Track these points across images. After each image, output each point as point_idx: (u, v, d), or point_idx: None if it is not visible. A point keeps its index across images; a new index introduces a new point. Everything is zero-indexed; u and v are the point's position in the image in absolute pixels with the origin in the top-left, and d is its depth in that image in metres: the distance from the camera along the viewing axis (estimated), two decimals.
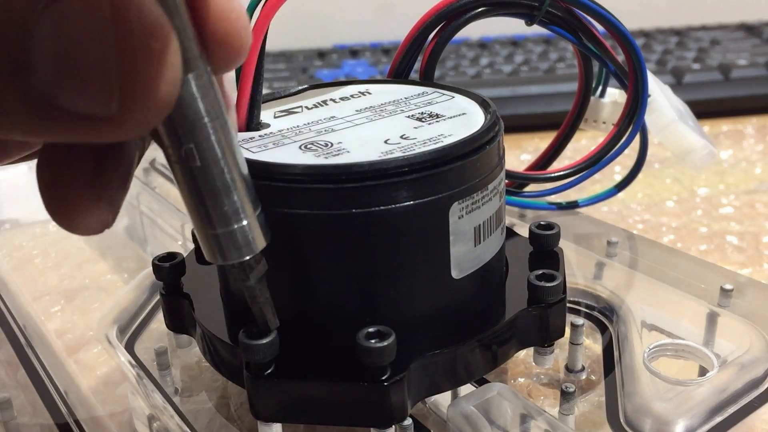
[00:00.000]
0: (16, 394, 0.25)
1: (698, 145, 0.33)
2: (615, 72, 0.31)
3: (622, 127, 0.31)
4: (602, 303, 0.29)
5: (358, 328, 0.19)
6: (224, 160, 0.17)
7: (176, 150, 0.16)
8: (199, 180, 0.17)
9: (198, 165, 0.16)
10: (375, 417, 0.20)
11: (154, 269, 0.25)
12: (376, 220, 0.20)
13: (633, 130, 0.31)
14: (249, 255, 0.18)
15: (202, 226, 0.17)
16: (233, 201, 0.17)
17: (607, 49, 0.30)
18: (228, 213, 0.17)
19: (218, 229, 0.17)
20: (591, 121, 0.34)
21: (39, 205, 0.16)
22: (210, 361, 0.23)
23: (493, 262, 0.23)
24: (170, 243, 0.38)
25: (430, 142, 0.21)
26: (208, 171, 0.17)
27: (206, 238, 0.18)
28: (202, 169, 0.16)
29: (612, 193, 0.35)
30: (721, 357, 0.25)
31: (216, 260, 0.18)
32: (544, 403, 0.26)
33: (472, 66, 0.66)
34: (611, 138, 0.31)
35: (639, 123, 0.31)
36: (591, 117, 0.34)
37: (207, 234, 0.18)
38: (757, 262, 0.38)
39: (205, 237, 0.18)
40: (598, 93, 0.34)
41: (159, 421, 0.24)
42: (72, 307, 0.34)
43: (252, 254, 0.18)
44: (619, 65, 0.31)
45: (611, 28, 0.29)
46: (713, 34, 0.73)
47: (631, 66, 0.30)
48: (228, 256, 0.18)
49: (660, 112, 0.33)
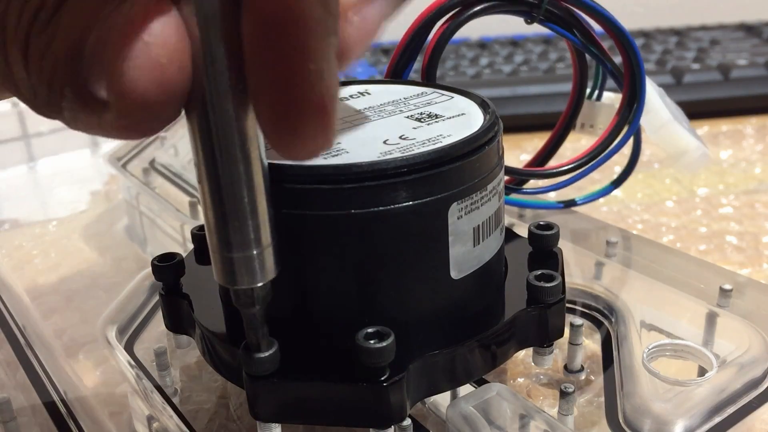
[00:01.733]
0: (15, 395, 0.25)
1: (692, 146, 0.33)
2: (611, 71, 0.31)
3: (619, 124, 0.31)
4: (601, 303, 0.29)
5: (357, 329, 0.19)
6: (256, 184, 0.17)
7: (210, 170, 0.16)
8: (227, 201, 0.17)
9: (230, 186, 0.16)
10: (374, 417, 0.20)
11: (154, 270, 0.25)
12: (375, 221, 0.20)
13: (630, 128, 0.31)
14: (261, 282, 0.18)
15: (219, 247, 0.17)
16: (257, 227, 0.17)
17: (603, 50, 0.30)
18: (249, 239, 0.17)
19: (235, 253, 0.17)
20: (587, 126, 0.34)
21: (39, 205, 0.17)
22: (209, 362, 0.23)
23: (493, 262, 0.23)
24: (170, 243, 0.38)
25: (430, 143, 0.21)
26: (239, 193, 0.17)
27: (221, 260, 0.17)
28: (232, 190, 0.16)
29: (609, 190, 0.35)
30: (721, 357, 0.25)
31: (227, 283, 0.18)
32: (543, 404, 0.26)
33: (472, 66, 0.66)
34: (608, 135, 0.31)
35: (637, 121, 0.31)
36: (587, 122, 0.34)
37: (223, 256, 0.17)
38: (757, 262, 0.38)
39: (220, 259, 0.17)
40: (595, 96, 0.34)
41: (158, 421, 0.24)
42: (72, 307, 0.34)
43: (263, 282, 0.18)
44: (615, 65, 0.31)
45: (610, 26, 0.29)
46: (713, 34, 0.73)
47: (627, 64, 0.30)
48: (239, 281, 0.18)
49: (655, 112, 0.33)
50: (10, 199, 0.48)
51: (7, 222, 0.45)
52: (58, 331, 0.32)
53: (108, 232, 0.43)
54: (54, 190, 0.50)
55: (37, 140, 0.55)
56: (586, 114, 0.34)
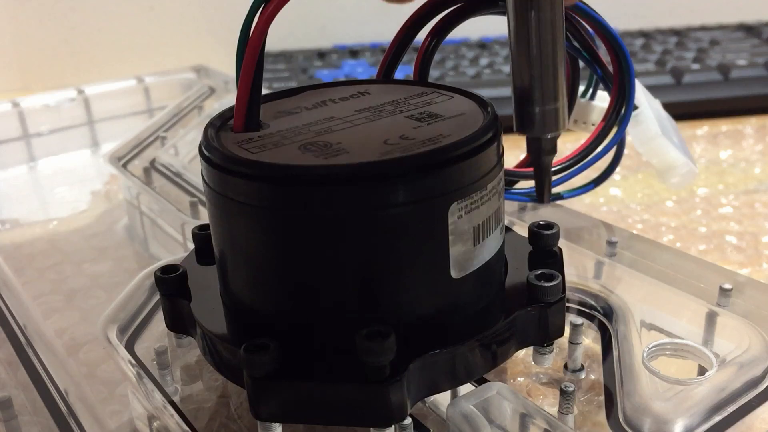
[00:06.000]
0: (16, 394, 0.25)
1: (679, 163, 0.33)
2: (602, 77, 0.31)
3: (605, 129, 0.31)
4: (601, 302, 0.29)
5: (358, 328, 0.20)
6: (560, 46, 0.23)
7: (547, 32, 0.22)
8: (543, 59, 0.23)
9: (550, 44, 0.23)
10: (375, 417, 0.20)
11: (157, 281, 0.25)
12: (375, 221, 0.20)
13: (618, 132, 0.31)
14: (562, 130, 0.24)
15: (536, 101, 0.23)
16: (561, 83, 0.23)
17: (597, 55, 0.30)
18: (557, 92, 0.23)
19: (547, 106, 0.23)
20: (581, 122, 0.35)
21: (39, 205, 0.17)
22: (210, 361, 0.24)
23: (493, 261, 0.23)
24: (170, 243, 0.38)
25: (430, 143, 0.21)
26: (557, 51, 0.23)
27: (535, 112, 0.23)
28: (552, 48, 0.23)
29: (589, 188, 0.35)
30: (720, 356, 0.25)
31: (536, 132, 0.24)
32: (543, 403, 0.26)
33: (472, 66, 0.66)
34: (594, 138, 0.32)
35: (624, 125, 0.31)
36: (580, 119, 0.35)
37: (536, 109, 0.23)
38: (756, 262, 0.38)
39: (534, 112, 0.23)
40: (588, 95, 0.34)
41: (159, 420, 0.24)
42: (72, 306, 0.34)
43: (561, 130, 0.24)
44: (607, 72, 0.31)
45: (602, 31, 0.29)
46: (712, 34, 0.74)
47: (617, 70, 0.30)
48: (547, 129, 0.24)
49: (645, 125, 0.33)
50: (11, 199, 0.48)
51: (7, 222, 0.45)
52: (59, 330, 0.32)
53: (108, 231, 0.43)
54: (54, 190, 0.50)
55: (38, 140, 0.55)
56: (581, 111, 0.34)
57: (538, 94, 0.23)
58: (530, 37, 0.23)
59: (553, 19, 0.23)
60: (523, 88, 0.23)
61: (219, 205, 0.22)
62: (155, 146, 0.48)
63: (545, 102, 0.23)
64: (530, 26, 0.23)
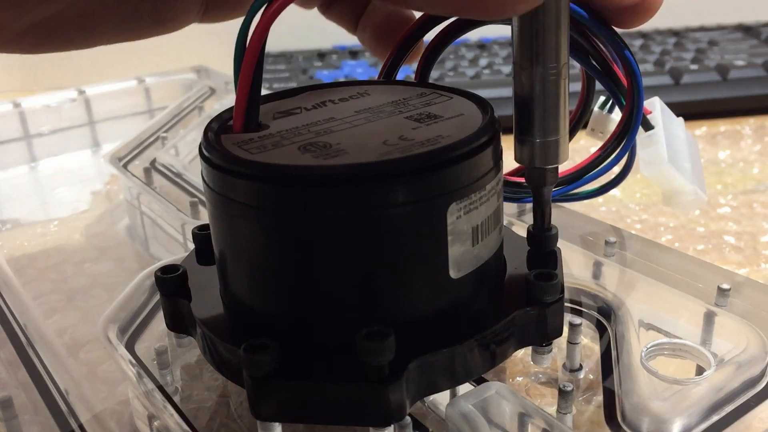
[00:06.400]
0: (16, 393, 0.26)
1: (686, 190, 0.33)
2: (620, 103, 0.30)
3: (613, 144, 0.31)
4: (600, 302, 0.29)
5: (357, 328, 0.20)
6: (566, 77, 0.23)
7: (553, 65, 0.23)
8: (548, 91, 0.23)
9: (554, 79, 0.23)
10: (374, 416, 0.20)
11: (157, 281, 0.25)
12: (374, 221, 0.20)
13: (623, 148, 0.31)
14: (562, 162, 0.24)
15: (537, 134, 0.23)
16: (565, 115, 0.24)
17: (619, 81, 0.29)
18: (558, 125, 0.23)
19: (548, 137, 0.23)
20: (598, 132, 0.35)
21: (40, 205, 0.17)
22: (210, 361, 0.24)
23: (492, 261, 0.23)
24: (170, 243, 0.38)
25: (429, 143, 0.21)
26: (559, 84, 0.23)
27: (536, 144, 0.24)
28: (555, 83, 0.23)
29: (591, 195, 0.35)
30: (719, 356, 0.25)
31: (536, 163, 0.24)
32: (542, 402, 0.26)
33: (471, 67, 0.66)
34: (600, 154, 0.31)
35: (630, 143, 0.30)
36: (598, 128, 0.35)
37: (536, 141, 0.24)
38: (755, 262, 0.38)
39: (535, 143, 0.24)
40: (607, 108, 0.34)
41: (159, 420, 0.25)
42: (72, 306, 0.34)
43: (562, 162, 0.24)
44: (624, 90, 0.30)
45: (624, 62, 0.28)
46: (711, 34, 0.74)
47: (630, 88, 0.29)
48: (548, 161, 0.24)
49: (655, 149, 0.33)
50: (12, 199, 0.48)
51: (8, 222, 0.45)
52: (60, 330, 0.32)
53: (109, 232, 0.43)
54: (55, 191, 0.50)
55: (38, 140, 0.56)
56: (598, 121, 0.34)
57: (539, 126, 0.24)
58: (534, 90, 0.23)
59: (557, 76, 0.23)
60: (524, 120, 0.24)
61: (219, 205, 0.22)
62: (156, 146, 0.48)
63: (547, 134, 0.24)
64: (535, 80, 0.23)
